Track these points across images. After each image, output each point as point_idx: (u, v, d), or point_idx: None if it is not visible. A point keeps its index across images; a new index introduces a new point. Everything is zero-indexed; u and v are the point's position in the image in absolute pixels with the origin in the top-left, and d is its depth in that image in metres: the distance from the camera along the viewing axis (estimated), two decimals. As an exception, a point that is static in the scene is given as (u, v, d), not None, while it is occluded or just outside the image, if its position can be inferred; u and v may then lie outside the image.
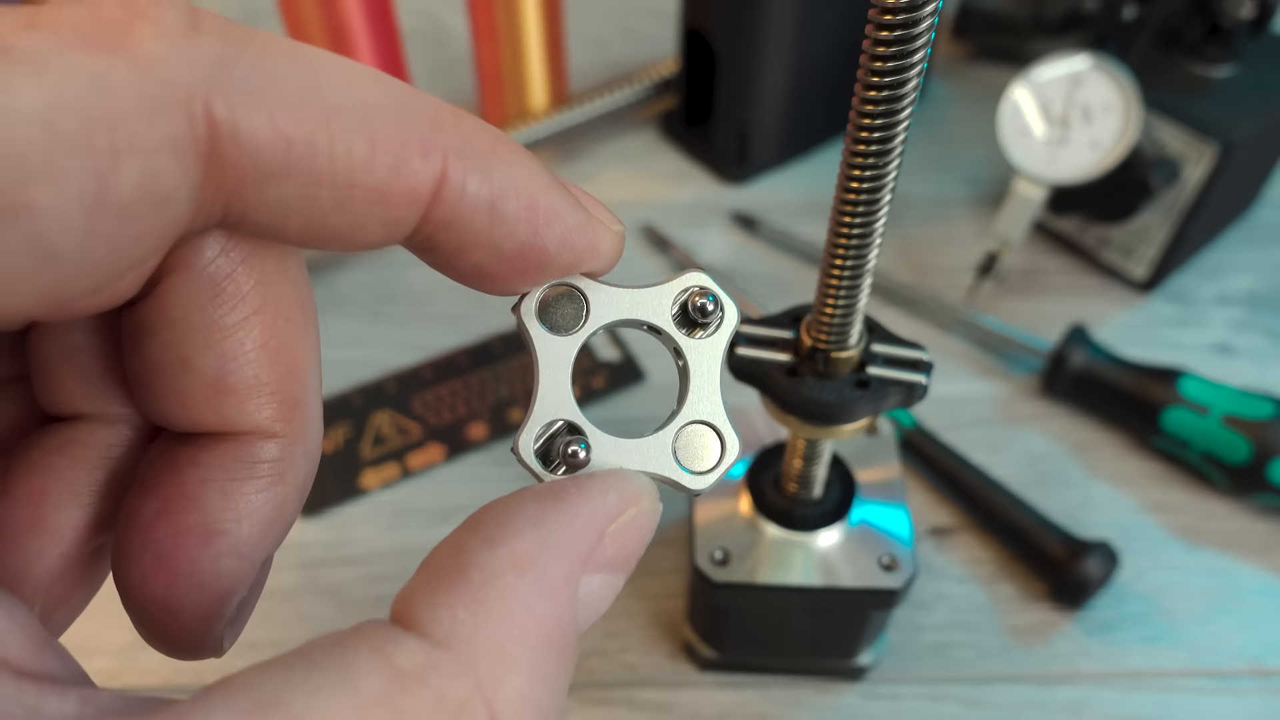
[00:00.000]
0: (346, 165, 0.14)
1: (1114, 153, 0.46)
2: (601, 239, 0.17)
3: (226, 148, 0.12)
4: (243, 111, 0.12)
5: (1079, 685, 0.39)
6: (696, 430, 0.18)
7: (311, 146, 0.13)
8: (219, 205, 0.13)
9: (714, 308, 0.18)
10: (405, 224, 0.15)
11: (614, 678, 0.39)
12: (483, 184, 0.15)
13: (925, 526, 0.43)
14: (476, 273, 0.16)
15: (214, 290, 0.15)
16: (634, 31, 0.69)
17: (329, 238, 0.15)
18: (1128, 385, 0.44)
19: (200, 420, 0.16)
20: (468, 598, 0.14)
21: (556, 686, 0.14)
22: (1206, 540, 0.43)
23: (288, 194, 0.13)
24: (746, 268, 0.54)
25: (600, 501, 0.16)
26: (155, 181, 0.12)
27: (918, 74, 0.20)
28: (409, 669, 0.13)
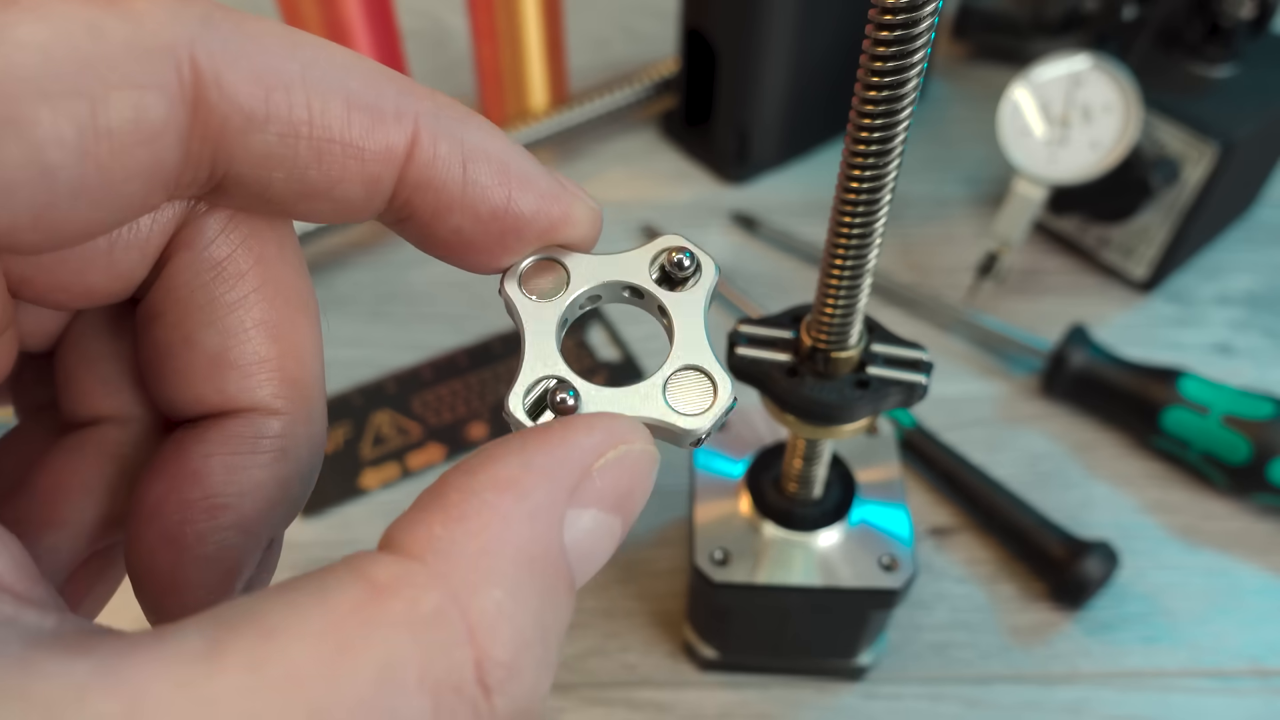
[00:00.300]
0: (323, 120, 0.15)
1: (1114, 153, 0.46)
2: (575, 207, 0.17)
3: (210, 94, 0.14)
4: (225, 62, 0.14)
5: (1079, 685, 0.39)
6: (687, 374, 0.18)
7: (288, 95, 0.14)
8: (206, 156, 0.14)
9: (690, 263, 0.18)
10: (382, 182, 0.15)
11: (614, 678, 0.39)
12: (454, 146, 0.16)
13: (925, 526, 0.43)
14: (456, 239, 0.17)
15: (215, 268, 0.16)
16: (634, 31, 0.69)
17: (311, 195, 0.15)
18: (1128, 385, 0.44)
19: (203, 397, 0.16)
20: (444, 515, 0.13)
21: (541, 611, 0.14)
22: (1206, 540, 0.43)
23: (269, 143, 0.14)
24: (746, 268, 0.54)
25: (586, 435, 0.15)
26: (143, 115, 0.13)
27: (918, 74, 0.20)
28: (383, 581, 0.13)
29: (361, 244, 0.55)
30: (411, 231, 0.17)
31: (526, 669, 0.13)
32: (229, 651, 0.11)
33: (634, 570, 0.42)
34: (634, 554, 0.42)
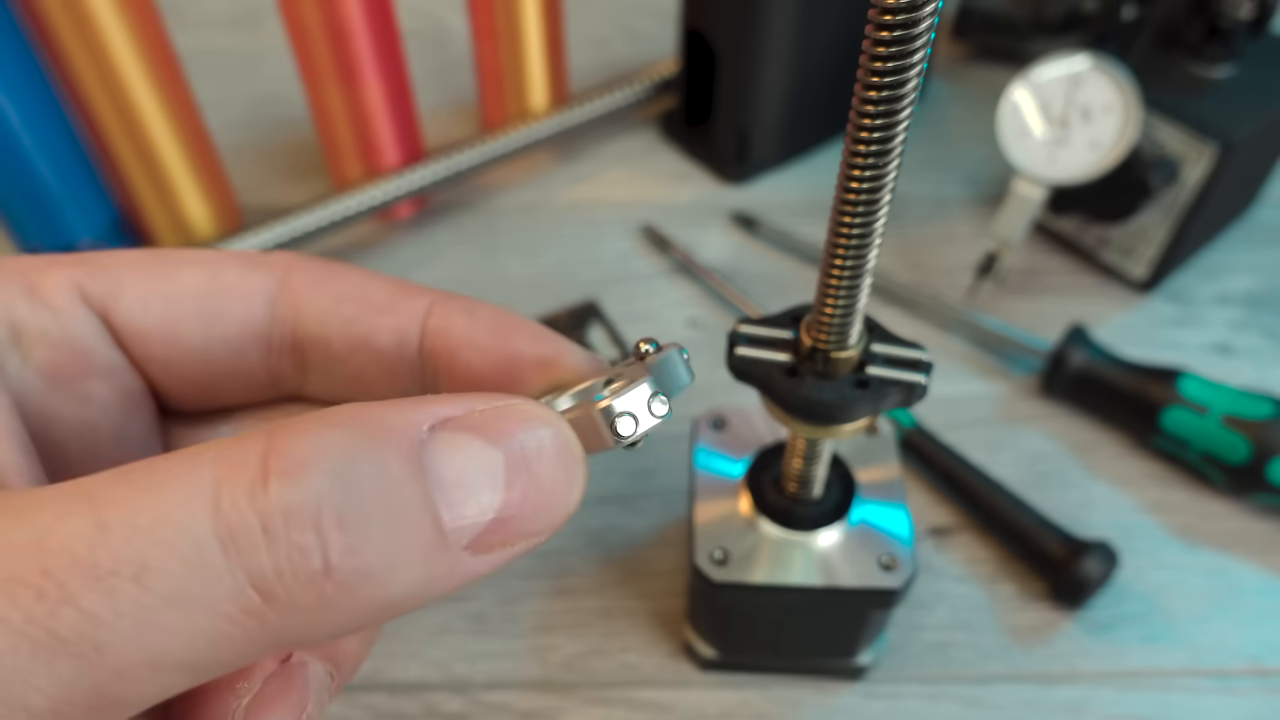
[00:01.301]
0: (365, 290, 0.20)
1: (1113, 153, 0.46)
2: (566, 349, 0.20)
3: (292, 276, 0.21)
4: (305, 264, 0.21)
5: (1078, 685, 0.39)
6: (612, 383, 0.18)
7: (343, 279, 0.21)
8: (288, 320, 0.20)
9: (654, 349, 0.19)
10: (408, 333, 0.20)
11: (614, 678, 0.39)
12: (460, 304, 0.20)
13: (925, 526, 0.43)
14: (469, 374, 0.20)
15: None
16: (634, 31, 0.69)
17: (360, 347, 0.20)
18: (1127, 385, 0.44)
19: None
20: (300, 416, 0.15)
21: (354, 453, 0.14)
22: (1206, 540, 0.43)
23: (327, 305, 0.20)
24: (746, 268, 0.54)
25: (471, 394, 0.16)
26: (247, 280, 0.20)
27: (918, 74, 0.20)
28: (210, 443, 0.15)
29: (362, 244, 0.55)
30: (440, 385, 0.20)
31: (316, 473, 0.14)
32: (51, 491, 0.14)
33: (634, 570, 0.42)
34: (634, 554, 0.43)
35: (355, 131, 0.52)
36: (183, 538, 0.13)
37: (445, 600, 0.41)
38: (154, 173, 0.49)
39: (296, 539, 0.13)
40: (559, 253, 0.55)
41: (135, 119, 0.47)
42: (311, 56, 0.49)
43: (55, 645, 0.12)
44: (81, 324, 0.19)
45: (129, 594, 0.13)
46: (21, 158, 0.45)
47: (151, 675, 0.13)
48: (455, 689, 0.39)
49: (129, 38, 0.45)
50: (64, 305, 0.19)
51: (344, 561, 0.14)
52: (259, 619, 0.13)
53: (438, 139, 0.57)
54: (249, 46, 0.67)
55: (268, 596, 0.13)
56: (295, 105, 0.61)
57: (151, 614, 0.13)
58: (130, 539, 0.13)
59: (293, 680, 0.18)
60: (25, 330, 0.19)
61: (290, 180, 0.58)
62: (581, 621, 0.41)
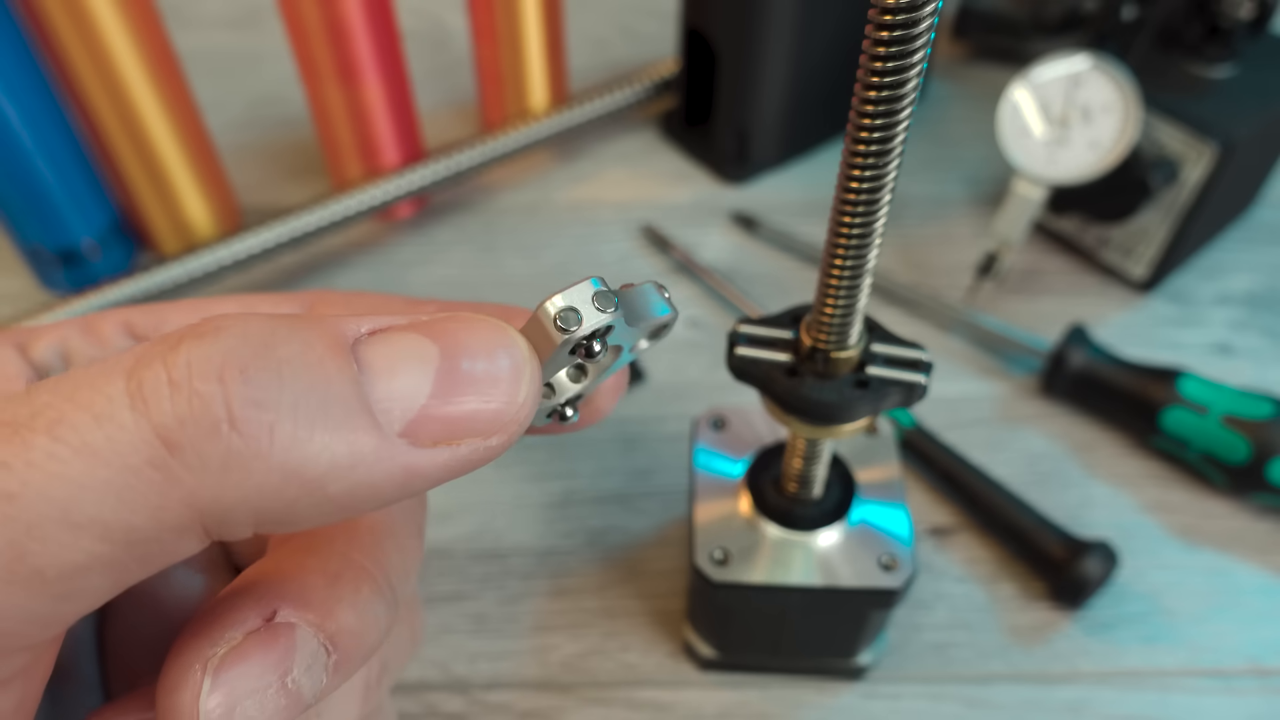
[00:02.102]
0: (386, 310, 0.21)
1: (1113, 153, 0.46)
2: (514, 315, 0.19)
3: None
4: None
5: (1079, 685, 0.39)
6: None
7: None
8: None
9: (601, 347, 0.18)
10: None
11: (614, 678, 0.39)
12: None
13: (925, 526, 0.43)
14: None
15: None
16: (634, 31, 0.69)
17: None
18: (1127, 385, 0.44)
19: None
20: None
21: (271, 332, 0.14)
22: (1206, 540, 0.43)
23: None
24: (746, 268, 0.54)
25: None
26: None
27: (918, 74, 0.20)
28: None
29: (361, 244, 0.55)
30: None
31: (221, 337, 0.14)
32: None
33: (634, 570, 0.42)
34: (634, 554, 0.43)
35: (355, 131, 0.52)
36: (97, 395, 0.14)
37: (444, 601, 0.41)
38: (154, 173, 0.49)
39: (199, 386, 0.14)
40: (559, 253, 0.55)
41: (135, 119, 0.47)
42: (311, 56, 0.49)
43: None
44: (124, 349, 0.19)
45: (41, 445, 0.13)
46: (22, 158, 0.45)
47: (66, 535, 0.13)
48: (455, 689, 0.39)
49: (129, 38, 0.45)
50: (112, 337, 0.20)
51: (247, 412, 0.14)
52: (166, 473, 0.13)
53: (438, 139, 0.57)
54: (249, 46, 0.67)
55: (172, 446, 0.13)
56: (295, 105, 0.61)
57: (61, 464, 0.13)
58: (50, 401, 0.14)
59: (275, 638, 0.17)
60: (75, 358, 0.20)
61: (290, 180, 0.58)
62: (581, 621, 0.41)
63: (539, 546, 0.43)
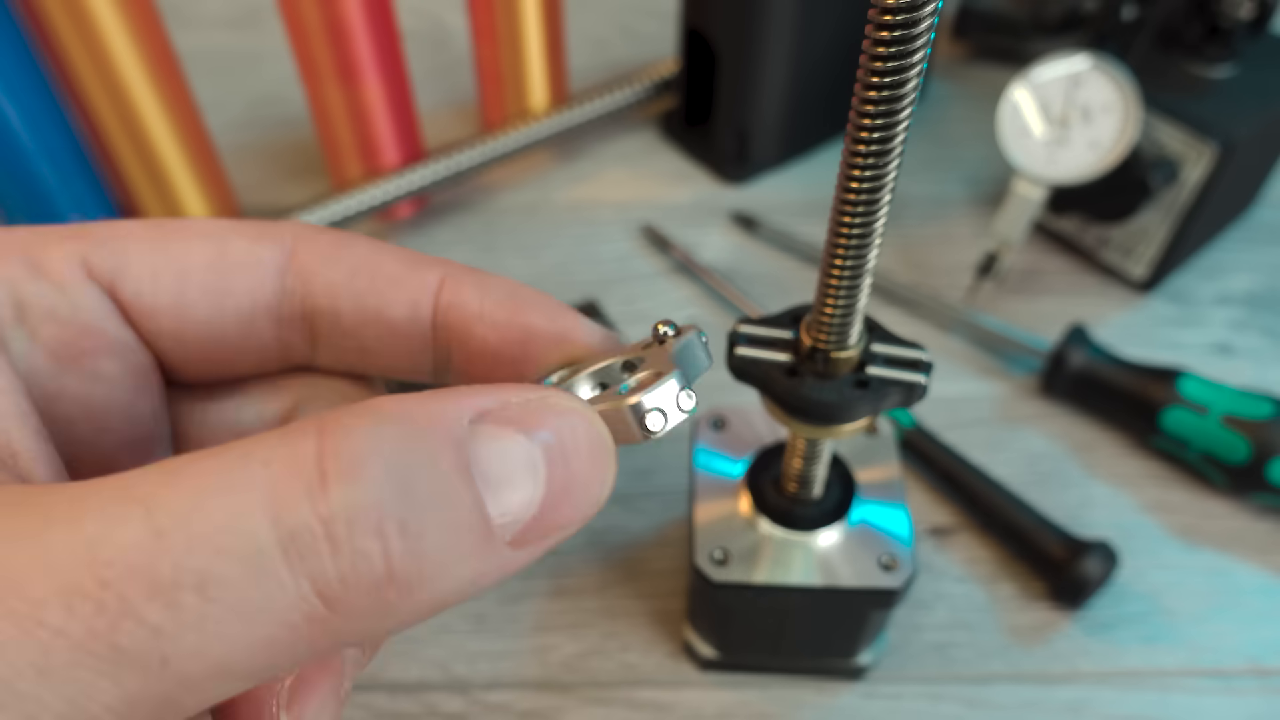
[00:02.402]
0: (376, 263, 0.20)
1: (1113, 153, 0.46)
2: (578, 323, 0.20)
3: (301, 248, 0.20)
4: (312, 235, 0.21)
5: (1079, 685, 0.39)
6: (639, 377, 0.18)
7: (353, 250, 0.20)
8: (297, 293, 0.20)
9: (673, 331, 0.20)
10: (422, 306, 0.20)
11: (614, 678, 0.39)
12: (473, 277, 0.21)
13: (925, 526, 0.43)
14: (484, 351, 0.20)
15: None
16: (634, 31, 0.69)
17: (373, 321, 0.20)
18: (1127, 385, 0.44)
19: None
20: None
21: (407, 454, 0.14)
22: (1206, 540, 0.43)
23: (337, 279, 0.20)
24: (746, 268, 0.54)
25: (507, 385, 0.17)
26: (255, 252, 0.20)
27: (918, 74, 0.20)
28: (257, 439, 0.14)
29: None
30: (454, 364, 0.21)
31: (373, 474, 0.13)
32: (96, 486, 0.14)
33: (634, 570, 0.42)
34: (634, 554, 0.43)
35: (355, 131, 0.52)
36: (244, 545, 0.13)
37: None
38: (154, 173, 0.49)
39: (360, 545, 0.13)
40: (559, 253, 0.55)
41: (135, 119, 0.47)
42: (311, 56, 0.49)
43: (119, 659, 0.12)
44: (89, 300, 0.19)
45: (193, 606, 0.12)
46: (21, 157, 0.45)
47: (215, 684, 0.13)
48: (455, 689, 0.39)
49: (129, 38, 0.45)
50: (70, 281, 0.18)
51: (405, 565, 0.14)
52: (321, 625, 0.13)
53: (438, 139, 0.57)
54: (249, 46, 0.67)
55: (331, 603, 0.13)
56: (295, 105, 0.61)
57: (216, 625, 0.13)
58: (191, 548, 0.13)
59: (333, 661, 0.17)
60: (31, 308, 0.18)
61: (290, 180, 0.58)
62: (581, 621, 0.41)
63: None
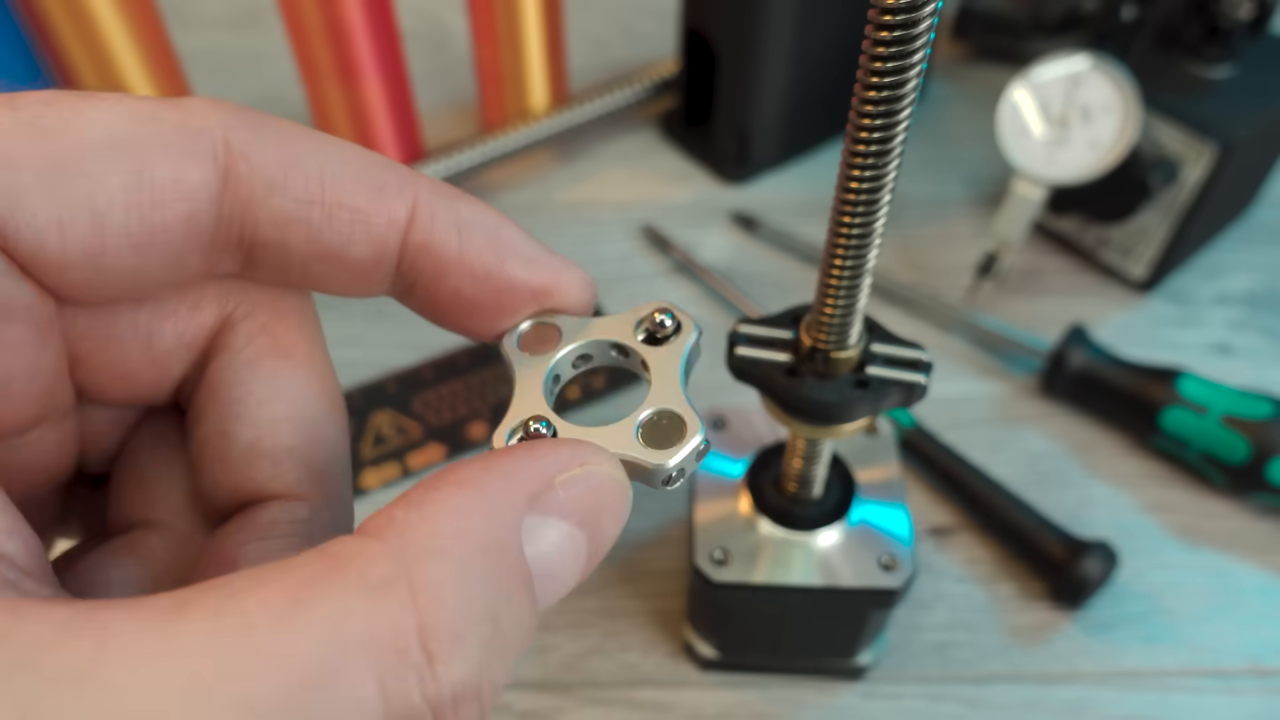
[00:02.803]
0: (335, 188, 0.17)
1: (1113, 153, 0.46)
2: (565, 273, 0.19)
3: (239, 166, 0.16)
4: (253, 145, 0.16)
5: (1079, 685, 0.39)
6: (660, 417, 0.19)
7: (304, 171, 0.17)
8: (235, 217, 0.17)
9: (671, 323, 0.20)
10: (388, 245, 0.18)
11: (614, 678, 0.39)
12: (449, 215, 0.18)
13: (925, 526, 0.43)
14: (456, 300, 0.18)
15: (249, 368, 0.18)
16: (634, 31, 0.69)
17: (327, 259, 0.18)
18: (1127, 385, 0.45)
19: (238, 485, 0.18)
20: (405, 503, 0.15)
21: (490, 597, 0.14)
22: (1206, 540, 0.43)
23: (287, 207, 0.17)
24: (746, 268, 0.54)
25: (551, 452, 0.16)
26: (183, 177, 0.16)
27: (918, 74, 0.20)
28: (340, 554, 0.14)
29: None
30: (417, 299, 0.19)
31: (472, 644, 0.14)
32: (193, 604, 0.12)
33: (634, 570, 0.42)
34: (634, 554, 0.43)
35: (355, 131, 0.52)
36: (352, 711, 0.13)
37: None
38: (154, 173, 0.49)
39: (464, 714, 0.14)
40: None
41: (135, 119, 0.47)
42: (311, 56, 0.49)
43: None
44: None
45: None
46: (21, 158, 0.45)
47: None
48: (455, 689, 0.39)
49: (129, 38, 0.45)
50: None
51: (490, 700, 0.14)
52: None
53: (438, 139, 0.57)
54: (249, 46, 0.67)
55: None
56: (295, 105, 0.61)
57: None
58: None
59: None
60: None
61: (290, 180, 0.58)
62: (581, 621, 0.41)
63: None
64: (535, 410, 0.18)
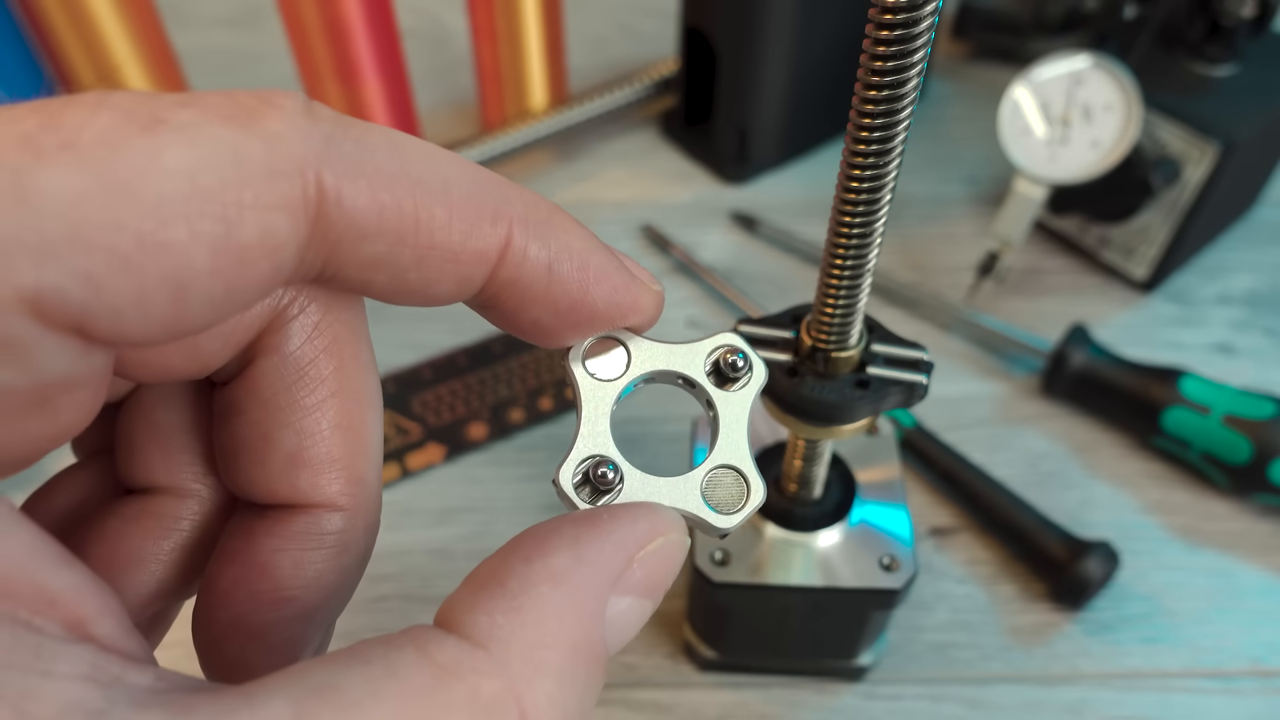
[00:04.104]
0: (428, 229, 0.16)
1: (1114, 152, 0.46)
2: (643, 297, 0.19)
3: (331, 210, 0.15)
4: (346, 181, 0.15)
5: (1079, 685, 0.39)
6: (724, 474, 0.19)
7: (400, 212, 0.15)
8: (320, 260, 0.15)
9: (744, 365, 0.20)
10: (474, 281, 0.17)
11: (614, 678, 0.39)
12: (542, 248, 0.17)
13: (925, 526, 0.43)
14: (534, 328, 0.18)
15: (298, 373, 0.17)
16: (634, 31, 0.69)
17: (407, 293, 0.16)
18: (1128, 385, 0.44)
19: (276, 491, 0.18)
20: (504, 605, 0.15)
21: (585, 697, 0.15)
22: (1207, 540, 0.43)
23: (378, 252, 0.15)
24: (746, 268, 0.54)
25: (631, 527, 0.17)
26: (271, 232, 0.14)
27: (918, 74, 0.20)
28: (448, 664, 0.14)
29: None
30: (493, 316, 0.18)
31: None
32: (314, 718, 0.12)
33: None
34: (634, 554, 0.42)
35: (355, 131, 0.52)
36: None
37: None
38: (153, 173, 0.49)
39: None
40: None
41: (135, 119, 0.47)
42: (311, 56, 0.49)
43: None
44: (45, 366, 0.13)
45: None
46: (21, 158, 0.45)
47: None
48: (455, 690, 0.39)
49: (129, 38, 0.45)
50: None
51: None
52: None
53: (437, 138, 0.57)
54: (249, 46, 0.67)
55: None
56: (295, 105, 0.61)
57: None
58: None
59: None
60: None
61: (290, 180, 0.58)
62: (581, 622, 0.40)
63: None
64: (602, 448, 0.19)
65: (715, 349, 0.20)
